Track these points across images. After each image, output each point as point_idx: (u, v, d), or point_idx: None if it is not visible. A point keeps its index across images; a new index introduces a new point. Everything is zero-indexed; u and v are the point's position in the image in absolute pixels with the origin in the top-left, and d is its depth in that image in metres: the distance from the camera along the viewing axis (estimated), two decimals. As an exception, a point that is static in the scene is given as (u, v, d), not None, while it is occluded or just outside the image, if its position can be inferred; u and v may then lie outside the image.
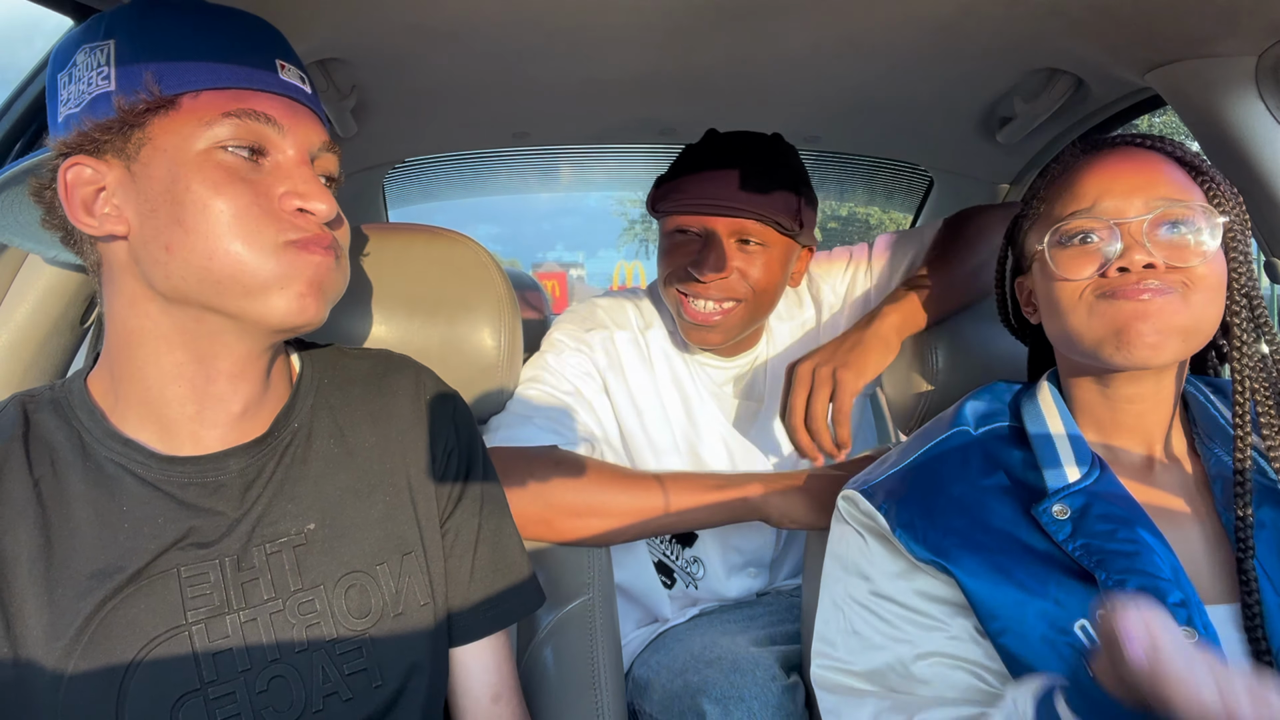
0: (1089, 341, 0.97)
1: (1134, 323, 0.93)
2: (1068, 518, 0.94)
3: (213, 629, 0.88)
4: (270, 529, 0.93)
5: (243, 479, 0.93)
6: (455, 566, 1.07)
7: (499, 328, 1.34)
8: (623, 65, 1.59)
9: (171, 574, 0.87)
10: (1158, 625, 0.63)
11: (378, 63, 1.51)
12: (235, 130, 0.85)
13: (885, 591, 1.01)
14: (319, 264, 0.89)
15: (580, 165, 2.55)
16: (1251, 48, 1.17)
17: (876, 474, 1.09)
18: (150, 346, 0.89)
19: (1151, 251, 0.93)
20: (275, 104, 0.89)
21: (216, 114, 0.85)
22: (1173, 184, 0.97)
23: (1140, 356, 0.93)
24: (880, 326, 1.41)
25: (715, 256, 1.44)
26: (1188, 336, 0.94)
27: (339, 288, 0.95)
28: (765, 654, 1.36)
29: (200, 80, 0.86)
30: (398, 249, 1.34)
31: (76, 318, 1.25)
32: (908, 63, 1.53)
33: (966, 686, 0.94)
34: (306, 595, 0.93)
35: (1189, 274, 0.94)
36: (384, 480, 1.02)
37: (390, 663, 0.96)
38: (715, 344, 1.53)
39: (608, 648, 1.29)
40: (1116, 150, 1.02)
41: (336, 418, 1.03)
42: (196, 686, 0.86)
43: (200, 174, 0.84)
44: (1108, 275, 0.95)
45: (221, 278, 0.84)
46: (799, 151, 1.57)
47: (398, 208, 2.70)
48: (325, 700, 0.91)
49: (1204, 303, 0.94)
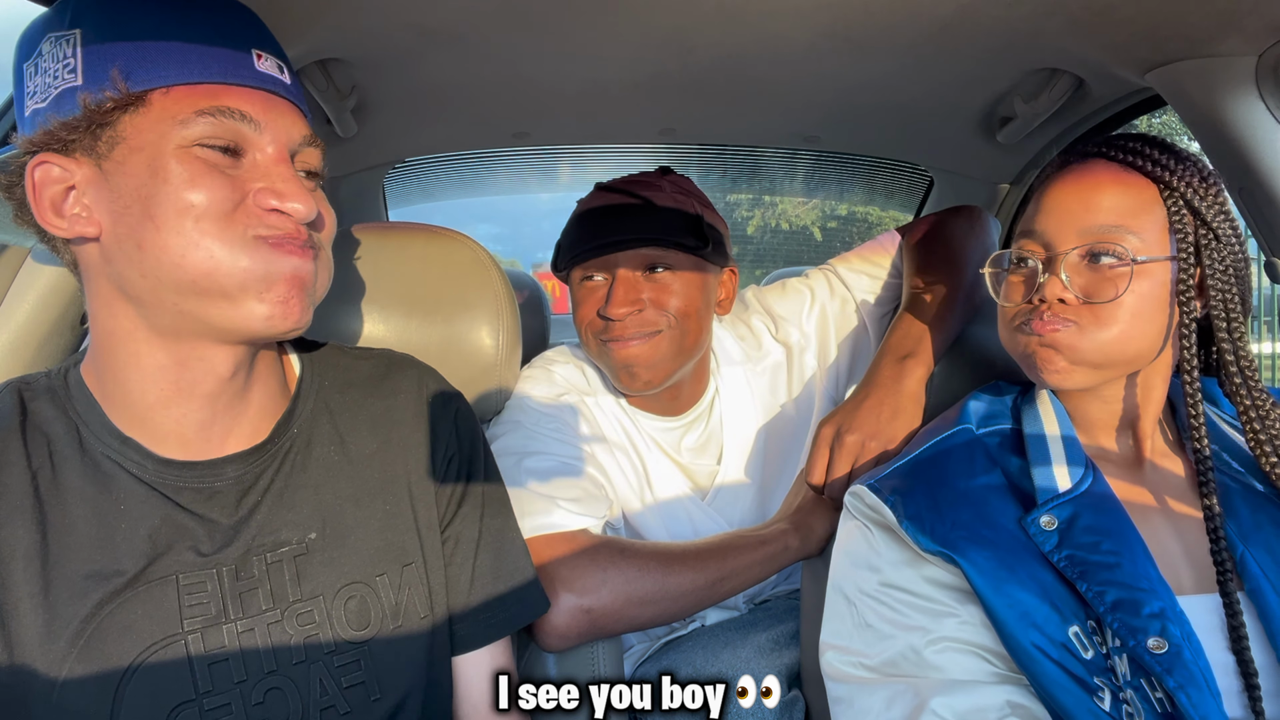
0: (1016, 359, 1.05)
1: (1039, 351, 1.00)
2: (1055, 529, 0.96)
3: (209, 638, 0.86)
4: (271, 538, 0.91)
5: (239, 486, 0.91)
6: (456, 573, 1.05)
7: (498, 327, 1.33)
8: (622, 65, 1.58)
9: (170, 580, 0.86)
10: None
11: (378, 63, 1.50)
12: (210, 129, 0.81)
13: (894, 581, 1.01)
14: (296, 266, 0.85)
15: (580, 165, 2.54)
16: (1252, 47, 1.16)
17: (883, 469, 1.09)
18: (131, 348, 0.86)
19: (1068, 285, 0.98)
20: (251, 99, 0.84)
21: (189, 111, 0.81)
22: (1117, 209, 0.99)
23: (1052, 382, 1.00)
24: (909, 384, 1.30)
25: (623, 289, 1.41)
26: (1098, 366, 0.99)
27: (321, 289, 0.92)
28: (765, 666, 1.35)
29: (170, 75, 0.81)
30: (396, 248, 1.33)
31: (77, 318, 1.25)
32: (907, 62, 1.52)
33: (979, 670, 0.95)
34: (305, 606, 0.91)
35: (1103, 308, 0.97)
36: (384, 487, 1.00)
37: (388, 676, 0.94)
38: (652, 383, 1.46)
39: (609, 657, 1.27)
40: (1083, 165, 1.03)
41: (337, 422, 1.01)
42: (192, 696, 0.84)
43: (179, 167, 0.80)
44: (1029, 303, 1.01)
45: (196, 278, 0.81)
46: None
47: (398, 207, 2.69)
48: (322, 713, 0.90)
49: (1113, 333, 0.98)
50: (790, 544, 1.33)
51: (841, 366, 1.63)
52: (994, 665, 0.95)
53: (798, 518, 1.36)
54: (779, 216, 12.53)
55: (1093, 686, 0.88)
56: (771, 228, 12.55)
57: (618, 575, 1.22)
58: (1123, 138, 1.04)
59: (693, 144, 2.30)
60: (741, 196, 10.79)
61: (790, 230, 12.26)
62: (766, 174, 2.79)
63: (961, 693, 0.92)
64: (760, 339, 1.64)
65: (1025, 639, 0.91)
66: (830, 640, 1.05)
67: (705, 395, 1.60)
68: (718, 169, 2.69)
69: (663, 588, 1.24)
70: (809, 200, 9.40)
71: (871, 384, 1.32)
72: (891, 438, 1.25)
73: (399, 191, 2.61)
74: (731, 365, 1.61)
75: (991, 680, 0.94)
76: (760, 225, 12.59)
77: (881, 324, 1.63)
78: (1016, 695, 0.92)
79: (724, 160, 2.59)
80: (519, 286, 2.20)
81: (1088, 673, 0.89)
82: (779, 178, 2.84)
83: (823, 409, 1.61)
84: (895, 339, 1.37)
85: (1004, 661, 0.95)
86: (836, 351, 1.62)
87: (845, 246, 1.85)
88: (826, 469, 1.27)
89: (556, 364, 1.56)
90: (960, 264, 1.44)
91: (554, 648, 1.23)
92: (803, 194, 3.31)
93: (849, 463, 1.24)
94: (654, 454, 1.54)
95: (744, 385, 1.61)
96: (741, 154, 2.50)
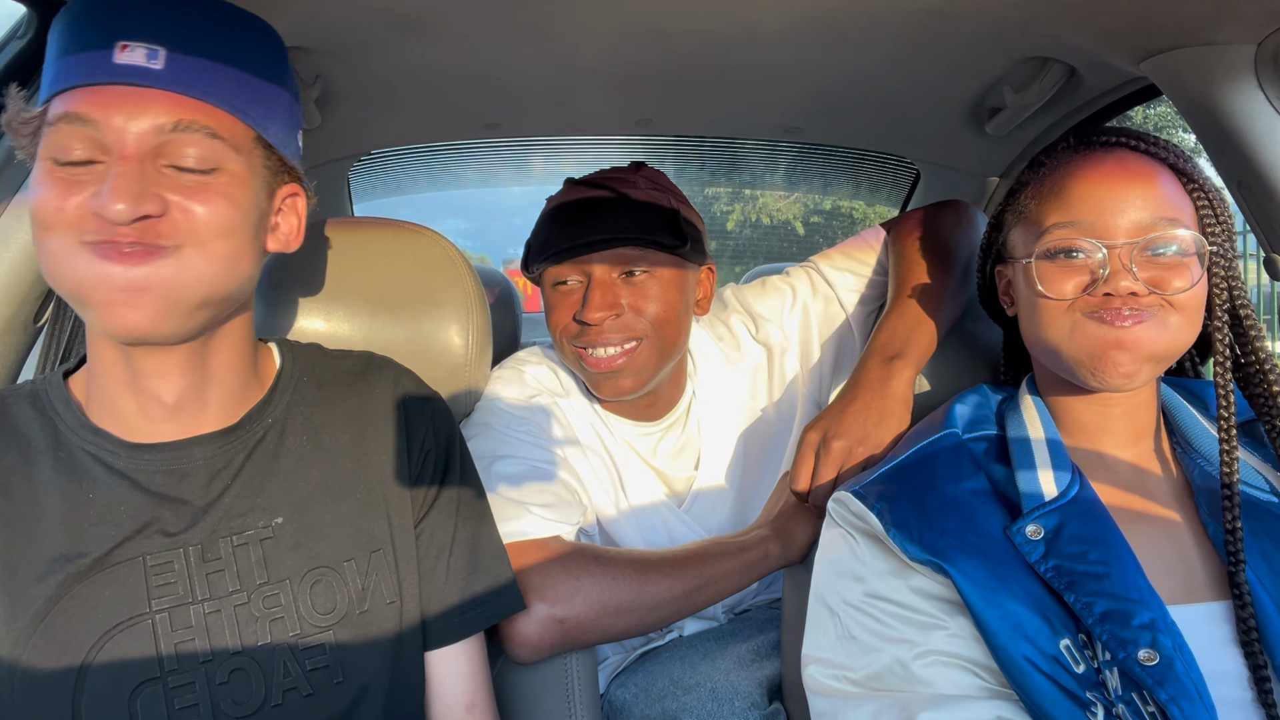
0: (1066, 359, 1.00)
1: (1111, 351, 0.96)
2: (1041, 538, 0.95)
3: (176, 618, 0.89)
4: (238, 521, 0.95)
5: (208, 468, 0.95)
6: (429, 569, 1.06)
7: (467, 326, 1.32)
8: (597, 53, 1.55)
9: (137, 561, 0.89)
10: None
11: (343, 51, 1.47)
12: (59, 138, 0.83)
13: (880, 591, 0.99)
14: (123, 273, 0.82)
15: (553, 158, 2.53)
16: (1250, 35, 1.14)
17: (867, 475, 1.07)
18: (95, 345, 0.93)
19: (1137, 277, 0.96)
20: (100, 98, 0.83)
21: (49, 122, 0.84)
22: (1164, 200, 0.98)
23: (1114, 384, 0.97)
24: (897, 386, 1.26)
25: (600, 294, 1.37)
26: (1161, 361, 0.98)
27: (187, 290, 0.86)
28: (746, 679, 1.33)
29: (47, 87, 0.85)
30: (362, 244, 1.32)
31: (30, 315, 1.23)
32: (893, 50, 1.50)
33: (968, 685, 0.93)
34: (272, 589, 0.94)
35: (1176, 299, 0.96)
36: (357, 479, 1.03)
37: (353, 660, 0.96)
38: (631, 391, 1.42)
39: (583, 668, 1.26)
40: (1111, 154, 1.02)
41: (312, 415, 1.04)
42: (156, 675, 0.87)
43: (36, 178, 0.84)
44: (1092, 295, 0.98)
45: (56, 286, 0.86)
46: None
47: (363, 201, 2.68)
48: (285, 695, 0.92)
49: (1182, 325, 0.97)
50: (771, 551, 1.31)
51: (824, 368, 1.60)
52: (984, 680, 0.93)
53: (778, 524, 1.34)
54: (760, 211, 12.60)
55: (1085, 701, 0.87)
56: (752, 223, 12.62)
57: (592, 584, 1.20)
58: (1133, 131, 1.04)
59: (670, 135, 2.29)
60: (720, 190, 10.82)
61: (771, 225, 12.34)
62: (747, 167, 2.78)
63: (950, 708, 0.90)
64: (739, 340, 1.61)
65: (1017, 652, 0.90)
66: (813, 652, 1.03)
67: (682, 399, 1.57)
68: (696, 161, 2.69)
69: (638, 597, 1.22)
70: (791, 194, 9.44)
71: (858, 386, 1.28)
72: (879, 442, 1.22)
73: (365, 185, 2.60)
74: (709, 367, 1.58)
75: (981, 695, 0.92)
76: (740, 220, 12.66)
77: (866, 323, 1.59)
78: (1007, 711, 0.90)
79: (702, 152, 2.58)
80: (489, 284, 2.25)
81: (1080, 687, 0.88)
82: (760, 171, 2.83)
83: (805, 412, 1.58)
84: (882, 339, 1.33)
85: (994, 676, 0.93)
86: (819, 352, 1.60)
87: (829, 242, 1.83)
88: (812, 475, 1.24)
89: (528, 364, 1.53)
90: (949, 260, 1.41)
91: (526, 659, 1.21)
92: (784, 188, 3.34)
93: (835, 469, 1.21)
94: (629, 459, 1.52)
95: (722, 388, 1.58)
96: (721, 146, 2.49)
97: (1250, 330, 1.03)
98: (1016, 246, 1.08)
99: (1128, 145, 1.02)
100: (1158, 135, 1.04)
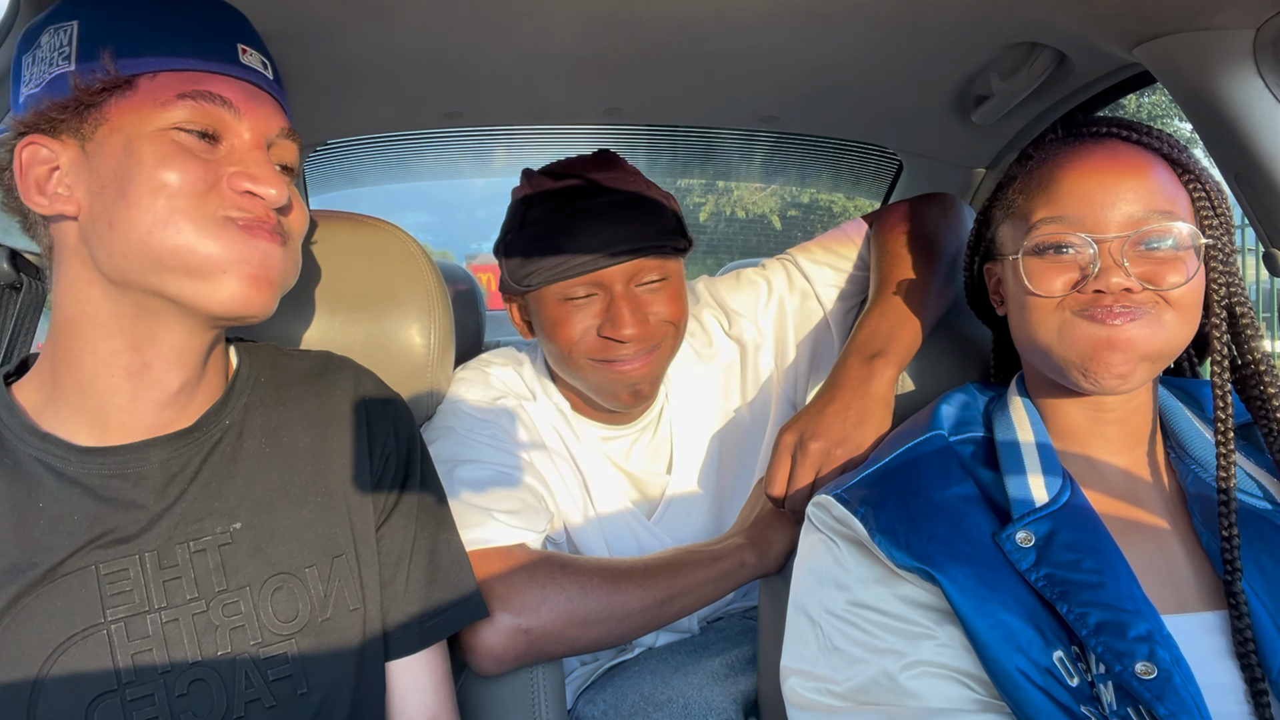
0: (1057, 360, 0.99)
1: (1103, 351, 0.94)
2: (1032, 545, 0.93)
3: (132, 628, 0.89)
4: (195, 526, 0.94)
5: (164, 471, 0.94)
6: (389, 576, 1.06)
7: (429, 325, 1.32)
8: (565, 39, 1.52)
9: (89, 570, 0.88)
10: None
11: (299, 35, 1.43)
12: (190, 113, 0.88)
13: (865, 600, 0.97)
14: (266, 250, 0.91)
15: (518, 148, 2.51)
16: (1249, 20, 1.12)
17: (849, 478, 1.05)
18: (88, 334, 0.91)
19: (1129, 273, 0.94)
20: (233, 88, 0.92)
21: (172, 95, 0.88)
22: (1158, 193, 0.97)
23: (1107, 385, 0.96)
24: (878, 386, 1.23)
25: (629, 308, 1.34)
26: (1157, 361, 0.97)
27: (288, 279, 0.97)
28: (720, 694, 1.31)
29: (158, 61, 0.89)
30: (318, 239, 1.30)
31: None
32: (874, 35, 1.48)
33: (958, 697, 0.92)
34: (231, 597, 0.94)
35: (1171, 294, 0.95)
36: (316, 482, 1.03)
37: (317, 670, 0.96)
38: (650, 396, 1.43)
39: (550, 683, 1.24)
40: (1101, 145, 1.00)
41: (270, 417, 1.04)
42: (114, 687, 0.87)
43: (153, 148, 0.86)
44: (1083, 293, 0.96)
45: (162, 254, 0.86)
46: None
47: (319, 194, 2.67)
48: (247, 706, 0.92)
49: (1178, 322, 0.96)
50: (746, 560, 1.29)
51: (801, 367, 1.58)
52: (975, 691, 0.92)
53: (754, 532, 1.32)
54: (735, 204, 12.63)
55: (1080, 716, 0.85)
56: (726, 216, 12.67)
57: (558, 593, 1.18)
58: (1127, 120, 1.03)
59: (641, 125, 2.27)
60: (693, 182, 10.85)
61: (747, 218, 12.37)
62: (721, 158, 2.76)
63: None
64: (711, 336, 1.58)
65: (1010, 663, 0.88)
66: (793, 665, 1.02)
67: (656, 401, 1.54)
68: (668, 152, 2.67)
69: (607, 607, 1.20)
70: (767, 186, 9.42)
71: (836, 386, 1.25)
72: (859, 445, 1.19)
73: (320, 176, 2.59)
74: (681, 365, 1.55)
75: (973, 708, 0.91)
76: (714, 213, 12.69)
77: (845, 321, 1.56)
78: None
79: (675, 142, 2.56)
80: (452, 280, 2.24)
81: (1074, 700, 0.86)
82: (735, 162, 2.82)
83: (780, 413, 1.56)
84: (862, 337, 1.30)
85: (985, 687, 0.92)
86: (795, 351, 1.57)
87: (807, 236, 1.81)
88: (788, 479, 1.21)
89: (493, 366, 1.51)
90: (933, 255, 1.38)
91: (489, 671, 1.19)
92: (761, 179, 3.33)
93: (812, 472, 1.18)
94: (598, 464, 1.49)
95: (694, 387, 1.56)
96: (694, 136, 2.47)
97: (1246, 329, 1.02)
98: (1005, 243, 1.07)
99: (1119, 135, 1.01)
100: (1151, 125, 1.02)
